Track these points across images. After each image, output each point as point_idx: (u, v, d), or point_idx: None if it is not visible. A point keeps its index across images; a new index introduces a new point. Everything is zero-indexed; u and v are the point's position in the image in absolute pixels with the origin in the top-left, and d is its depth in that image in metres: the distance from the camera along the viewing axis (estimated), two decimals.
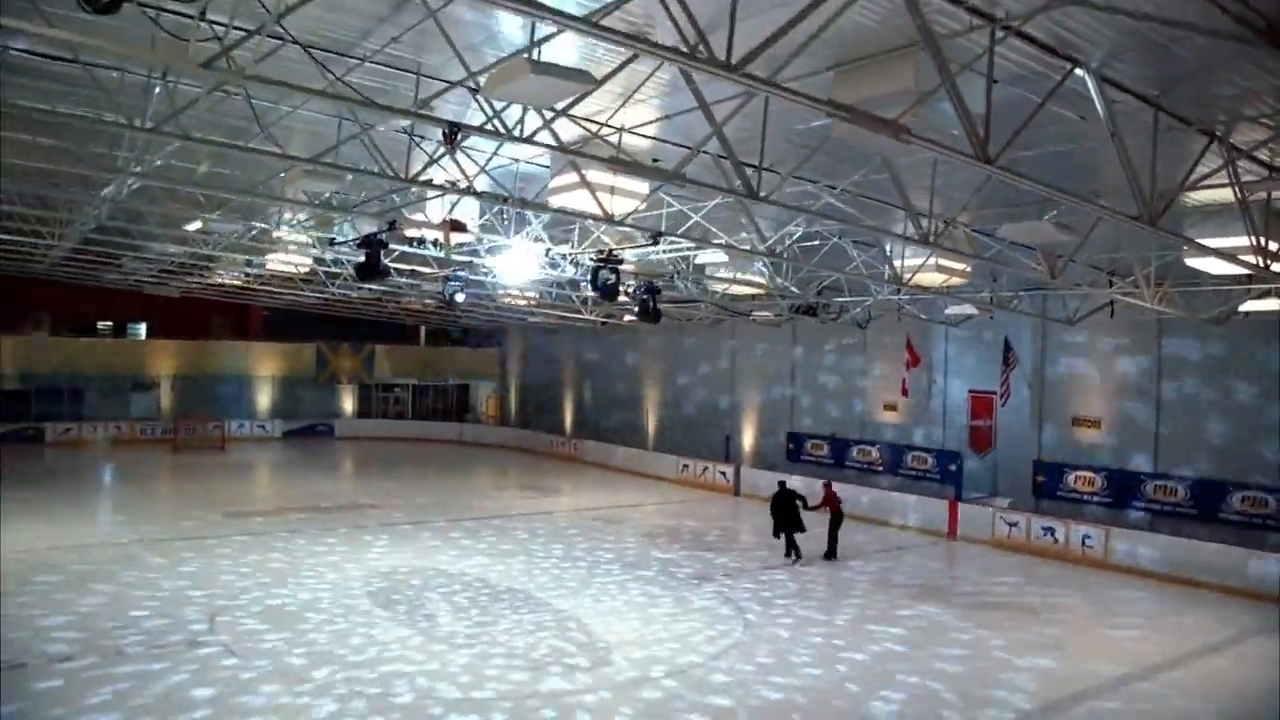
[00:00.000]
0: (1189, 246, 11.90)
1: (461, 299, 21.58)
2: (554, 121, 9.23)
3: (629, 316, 27.72)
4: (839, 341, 28.16)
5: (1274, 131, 9.34)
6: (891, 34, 7.22)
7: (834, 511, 19.26)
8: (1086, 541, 19.61)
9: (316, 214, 16.69)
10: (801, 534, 18.59)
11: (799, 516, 18.56)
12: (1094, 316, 20.85)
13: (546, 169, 12.74)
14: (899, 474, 25.83)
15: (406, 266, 21.62)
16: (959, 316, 23.38)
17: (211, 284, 30.73)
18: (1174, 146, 9.47)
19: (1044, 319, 21.60)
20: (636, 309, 19.10)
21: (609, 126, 10.25)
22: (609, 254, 15.50)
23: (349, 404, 43.73)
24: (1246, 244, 11.18)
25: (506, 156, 12.38)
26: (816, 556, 18.87)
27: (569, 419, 40.07)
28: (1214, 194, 11.13)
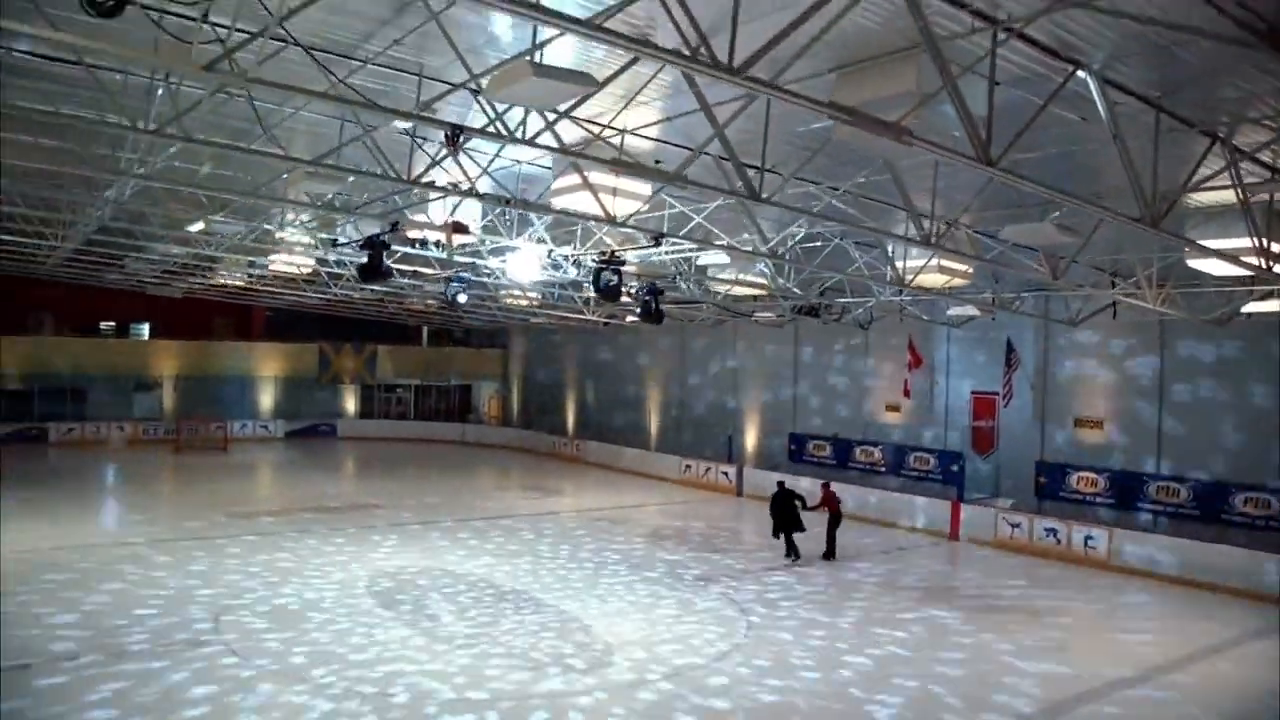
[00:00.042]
0: (1191, 248, 11.90)
1: (464, 300, 21.58)
2: (556, 123, 9.23)
3: (631, 317, 27.73)
4: (841, 342, 28.16)
5: (1276, 134, 9.34)
6: (893, 36, 7.22)
7: (832, 512, 19.27)
8: (1089, 543, 19.59)
9: (319, 215, 16.72)
10: (801, 534, 18.64)
11: (798, 516, 18.60)
12: (1096, 317, 20.87)
13: (549, 170, 12.77)
14: (901, 475, 25.81)
15: (409, 268, 21.64)
16: (961, 317, 23.35)
17: (214, 284, 30.76)
18: (1176, 148, 9.47)
19: (1046, 320, 21.59)
20: (639, 310, 19.10)
21: (611, 128, 10.26)
22: (611, 255, 15.51)
23: (351, 404, 43.76)
24: (1249, 245, 11.19)
25: (509, 158, 12.38)
26: (815, 556, 18.87)
27: (571, 420, 40.07)
28: (1216, 195, 11.12)
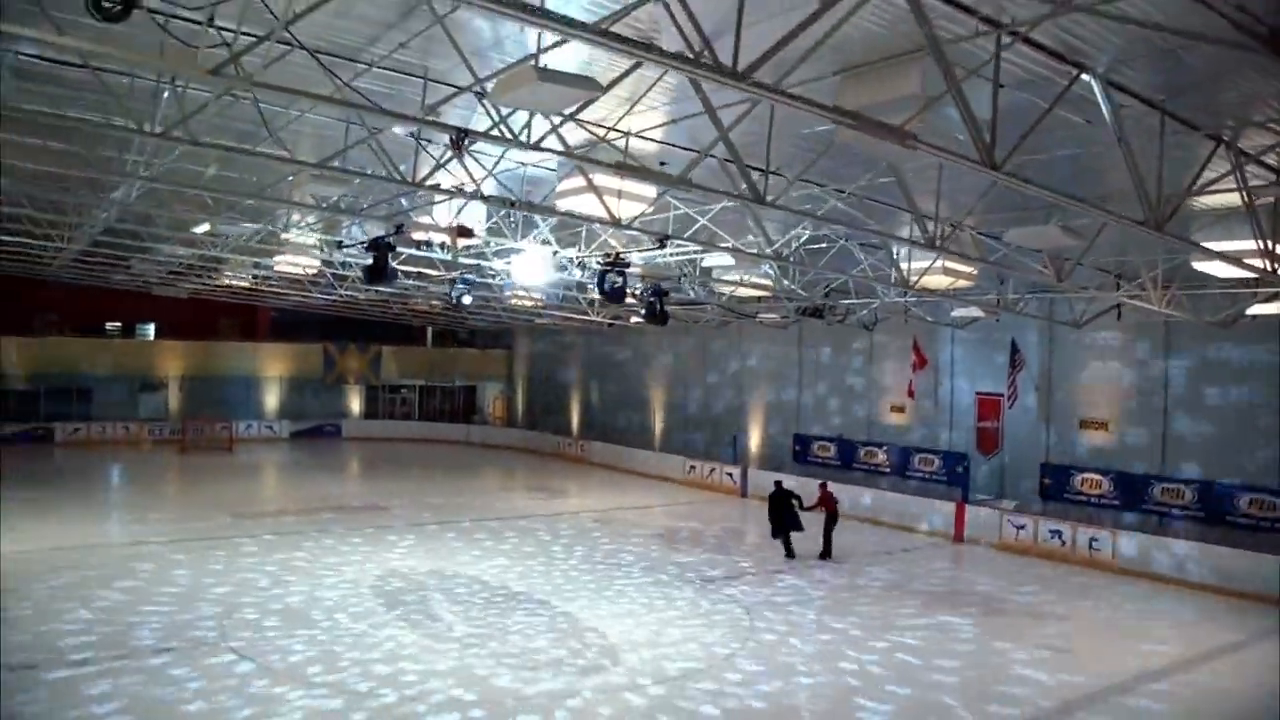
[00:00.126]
0: (1195, 250, 11.89)
1: (468, 301, 21.60)
2: (561, 126, 9.24)
3: (636, 319, 27.73)
4: (846, 344, 28.16)
5: None
6: (898, 39, 7.22)
7: (830, 511, 19.32)
8: (1094, 544, 19.57)
9: (324, 217, 16.76)
10: (799, 533, 18.74)
11: (797, 516, 18.70)
12: (1101, 319, 20.84)
13: (553, 172, 12.78)
14: (906, 476, 25.78)
15: (414, 269, 21.66)
16: (966, 319, 23.33)
17: (219, 285, 30.82)
18: (1181, 151, 9.46)
19: (1051, 321, 21.57)
20: (643, 311, 19.11)
21: (616, 131, 10.27)
22: (616, 257, 15.53)
23: (356, 405, 43.81)
24: (1254, 247, 11.18)
25: (514, 160, 12.39)
26: (812, 556, 18.92)
27: (576, 420, 40.11)
28: (1221, 198, 11.11)
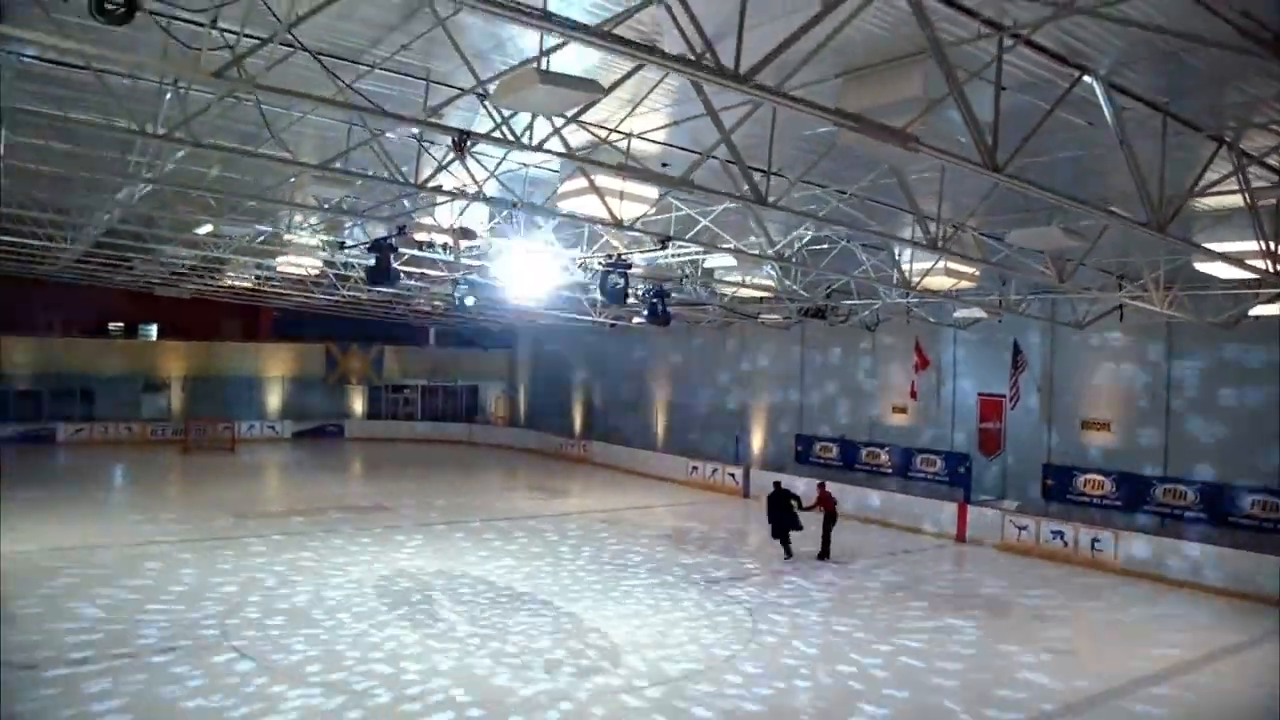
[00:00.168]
0: (1197, 251, 11.88)
1: (471, 302, 21.61)
2: (564, 128, 9.25)
3: (638, 319, 27.73)
4: (848, 344, 28.14)
5: None
6: (900, 42, 7.23)
7: (828, 511, 19.36)
8: (1096, 545, 19.55)
9: (326, 217, 16.77)
10: (798, 532, 18.79)
11: (796, 516, 18.74)
12: (1103, 319, 20.82)
13: (555, 173, 12.79)
14: (908, 476, 25.77)
15: (416, 269, 21.67)
16: (968, 319, 23.31)
17: (222, 286, 30.85)
18: (1183, 152, 9.45)
19: (1053, 322, 21.56)
20: (646, 312, 19.12)
21: (618, 132, 10.28)
22: (618, 258, 15.53)
23: (358, 405, 43.85)
24: (1255, 249, 11.17)
25: (516, 161, 12.40)
26: (811, 556, 18.95)
27: (578, 420, 40.11)
28: (1223, 199, 11.10)
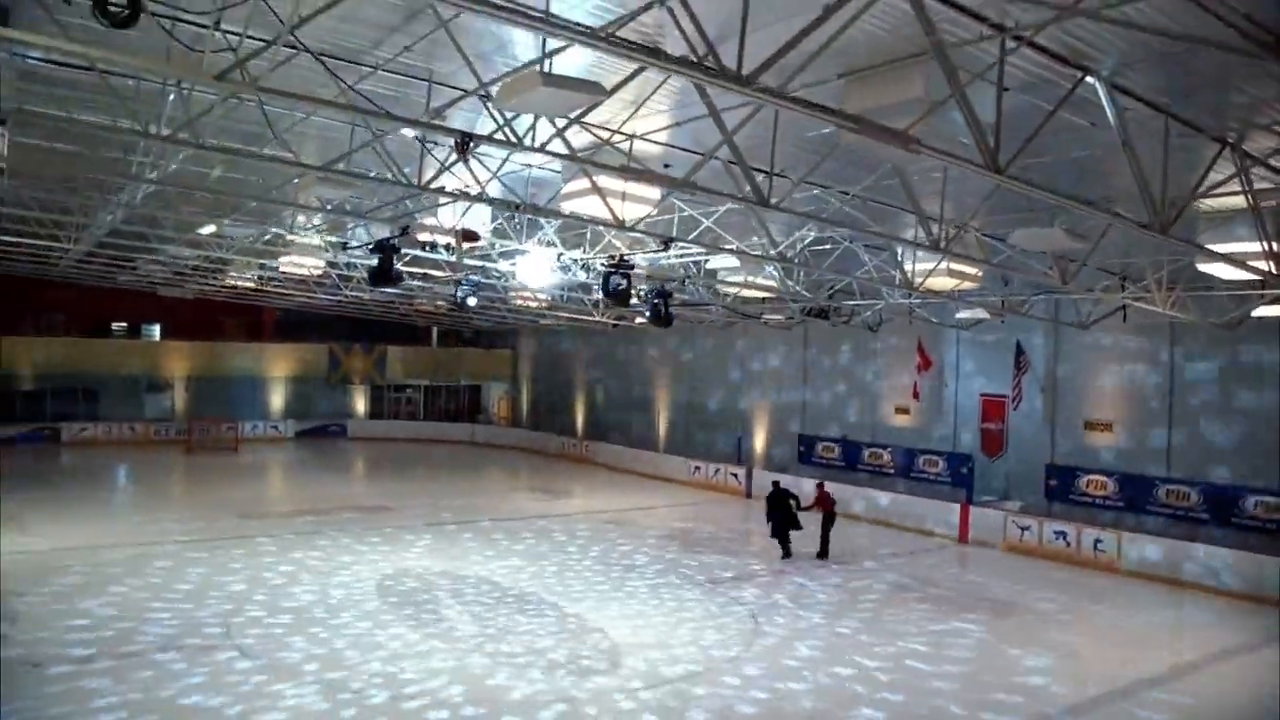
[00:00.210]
0: (1200, 252, 11.88)
1: (473, 302, 21.64)
2: (566, 130, 9.26)
3: (640, 319, 27.73)
4: (850, 345, 28.15)
5: None
6: (902, 43, 7.23)
7: (827, 511, 19.40)
8: (1099, 546, 19.53)
9: (329, 218, 16.79)
10: (798, 531, 18.84)
11: (795, 515, 18.79)
12: (1106, 320, 20.81)
13: (558, 174, 12.81)
14: (910, 477, 25.75)
15: (419, 270, 21.70)
16: (970, 320, 23.31)
17: (225, 286, 30.89)
18: (1185, 153, 9.44)
19: (1056, 322, 21.55)
20: (648, 312, 19.13)
21: (620, 134, 10.29)
22: (620, 259, 15.54)
23: (361, 405, 43.89)
24: (1258, 250, 11.16)
25: (518, 162, 12.43)
26: (810, 555, 18.96)
27: (580, 420, 40.12)
28: (1226, 200, 11.09)
